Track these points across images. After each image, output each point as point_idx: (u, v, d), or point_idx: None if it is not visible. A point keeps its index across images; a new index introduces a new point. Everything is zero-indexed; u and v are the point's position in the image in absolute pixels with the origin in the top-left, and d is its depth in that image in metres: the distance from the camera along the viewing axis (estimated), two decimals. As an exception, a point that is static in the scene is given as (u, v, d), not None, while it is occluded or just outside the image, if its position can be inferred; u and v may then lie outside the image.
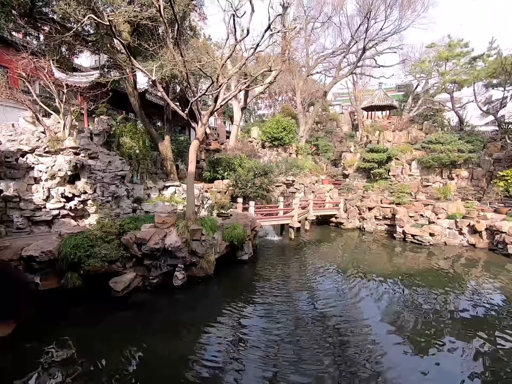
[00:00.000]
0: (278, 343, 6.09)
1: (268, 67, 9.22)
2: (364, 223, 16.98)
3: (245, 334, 6.49)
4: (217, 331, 6.59)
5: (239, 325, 6.88)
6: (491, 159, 19.56)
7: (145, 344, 6.01)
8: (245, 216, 11.59)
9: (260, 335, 6.40)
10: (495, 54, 22.89)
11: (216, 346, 6.07)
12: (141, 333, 6.47)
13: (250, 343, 6.13)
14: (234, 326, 6.84)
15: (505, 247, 12.56)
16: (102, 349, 5.88)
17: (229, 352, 5.83)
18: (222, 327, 6.73)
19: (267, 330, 6.59)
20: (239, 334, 6.51)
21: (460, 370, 5.56)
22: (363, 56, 23.86)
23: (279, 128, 22.65)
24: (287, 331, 6.56)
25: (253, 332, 6.54)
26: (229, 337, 6.36)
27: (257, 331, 6.56)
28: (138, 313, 7.31)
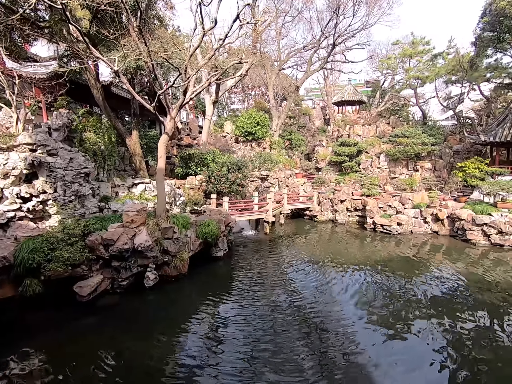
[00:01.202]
0: (257, 337, 6.08)
1: (238, 60, 9.02)
2: (336, 215, 17.45)
3: (222, 331, 6.41)
4: (193, 329, 6.46)
5: (215, 322, 6.78)
6: (451, 151, 20.86)
7: (117, 348, 5.74)
8: (219, 212, 11.41)
9: (237, 330, 6.36)
10: (453, 52, 24.27)
11: (192, 344, 5.95)
12: (112, 337, 6.17)
13: (227, 339, 6.08)
14: (210, 323, 6.73)
15: (464, 233, 13.49)
16: (70, 357, 5.52)
17: (206, 349, 5.74)
18: (197, 326, 6.61)
19: (244, 324, 6.56)
20: (215, 331, 6.42)
21: (426, 347, 5.90)
22: (333, 51, 24.30)
23: (253, 123, 22.53)
24: (265, 323, 6.59)
25: (230, 327, 6.48)
26: (206, 334, 6.26)
27: (234, 326, 6.51)
28: (107, 317, 6.95)
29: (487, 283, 9.05)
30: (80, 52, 8.99)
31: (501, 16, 15.33)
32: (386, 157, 21.56)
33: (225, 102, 43.08)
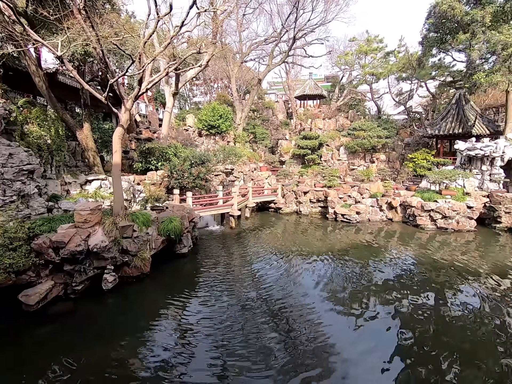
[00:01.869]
0: (225, 332, 6.02)
1: (197, 49, 8.69)
2: (300, 207, 17.93)
3: (189, 330, 6.25)
4: (157, 332, 6.19)
5: (181, 323, 6.58)
6: (403, 143, 22.44)
7: (72, 358, 5.30)
8: (182, 207, 11.07)
9: (204, 327, 6.23)
10: (403, 51, 25.93)
11: (157, 349, 5.68)
12: (66, 346, 5.70)
13: (195, 337, 5.93)
14: (176, 325, 6.51)
15: (414, 219, 14.68)
16: (21, 372, 4.98)
17: (171, 354, 5.50)
18: (162, 328, 6.35)
19: (212, 321, 6.46)
20: (181, 333, 6.22)
21: (383, 326, 6.35)
22: (294, 45, 24.59)
23: (216, 116, 22.09)
24: (233, 318, 6.55)
25: (197, 326, 6.33)
26: (171, 338, 6.03)
27: (201, 324, 6.37)
28: (61, 325, 6.41)
29: (435, 263, 9.96)
30: (16, 34, 7.99)
31: (443, 19, 16.62)
32: (346, 149, 22.54)
33: (187, 95, 41.71)
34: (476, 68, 17.48)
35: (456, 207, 13.85)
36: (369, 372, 4.99)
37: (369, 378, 4.88)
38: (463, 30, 16.02)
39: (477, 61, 16.97)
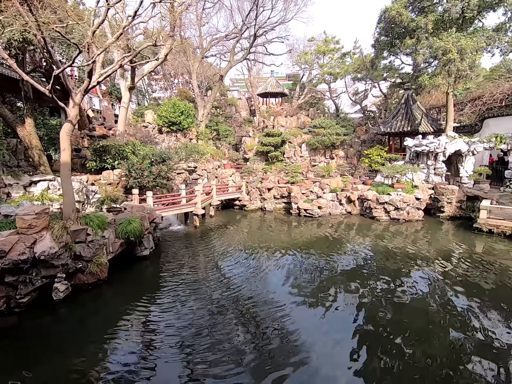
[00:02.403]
0: (192, 338, 5.75)
1: (153, 41, 8.28)
2: (265, 203, 18.13)
3: (152, 338, 5.87)
4: (118, 340, 5.81)
5: (144, 328, 6.22)
6: (359, 140, 23.74)
7: (30, 374, 4.77)
8: (142, 208, 10.55)
9: (169, 335, 5.91)
10: (358, 52, 27.37)
11: (119, 356, 5.30)
12: (22, 362, 5.11)
13: (159, 346, 5.58)
14: (139, 330, 6.14)
15: (371, 211, 15.63)
16: None
17: (136, 359, 5.21)
18: (124, 335, 5.98)
19: (178, 327, 6.16)
20: (145, 339, 5.87)
21: (345, 314, 6.66)
22: (255, 42, 24.67)
23: (176, 112, 21.39)
24: (201, 322, 6.29)
25: (162, 333, 5.98)
26: (134, 343, 5.68)
27: (166, 331, 6.04)
28: (10, 341, 5.72)
29: (390, 251, 10.71)
30: None
31: (392, 24, 17.83)
32: (307, 146, 23.26)
33: (145, 90, 39.80)
34: (421, 71, 19.06)
35: (406, 199, 15.03)
36: (336, 362, 5.19)
37: (337, 368, 5.07)
38: (409, 36, 17.32)
39: (421, 64, 18.50)
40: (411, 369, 4.93)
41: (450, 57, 14.89)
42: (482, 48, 15.47)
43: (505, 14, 15.83)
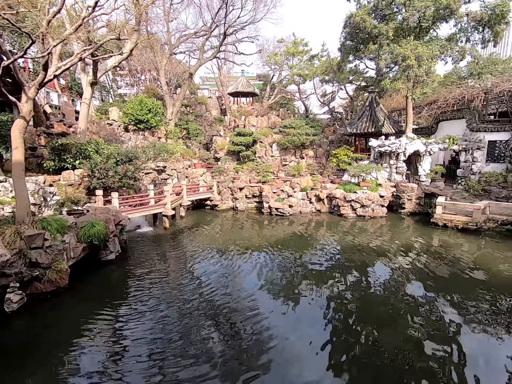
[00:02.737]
0: (163, 346, 5.50)
1: (116, 35, 7.88)
2: (236, 203, 18.09)
3: (120, 348, 5.55)
4: (81, 352, 5.41)
5: (110, 338, 5.85)
6: (328, 141, 24.51)
7: None
8: (106, 210, 10.02)
9: (138, 344, 5.61)
10: (326, 55, 28.24)
11: (82, 370, 4.97)
12: None
13: (127, 357, 5.29)
14: (104, 341, 5.73)
15: (339, 209, 16.23)
16: None
17: (101, 373, 4.91)
18: (87, 347, 5.58)
19: (148, 335, 5.87)
20: (111, 350, 5.51)
21: (316, 307, 6.86)
22: (225, 41, 24.49)
23: (144, 110, 20.60)
24: (172, 329, 6.06)
25: (130, 343, 5.69)
26: (99, 355, 5.31)
27: (135, 340, 5.73)
28: None
29: (356, 247, 11.19)
30: None
31: (357, 29, 18.60)
32: (278, 146, 23.56)
33: (110, 85, 37.83)
34: (383, 75, 20.13)
35: (371, 197, 15.80)
36: (308, 355, 5.30)
37: (308, 360, 5.18)
38: (373, 41, 18.19)
39: (384, 69, 19.54)
40: (377, 356, 5.20)
41: (409, 63, 15.88)
42: (436, 56, 16.67)
43: (456, 25, 17.22)
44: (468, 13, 16.03)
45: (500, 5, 15.04)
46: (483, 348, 5.51)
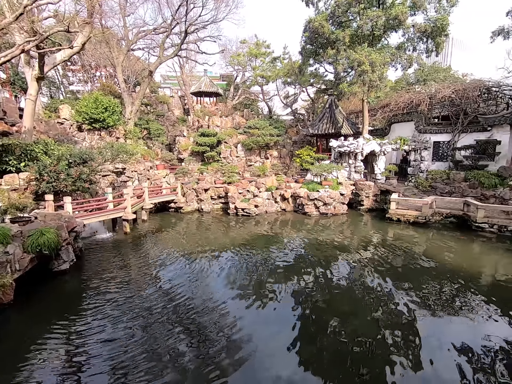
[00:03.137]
0: (127, 357, 5.19)
1: (64, 27, 7.28)
2: (202, 204, 17.77)
3: (75, 366, 5.08)
4: (28, 376, 4.88)
5: (65, 357, 5.32)
6: (291, 141, 25.12)
7: None
8: (58, 216, 9.23)
9: (98, 358, 5.22)
10: (287, 58, 28.93)
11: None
12: None
13: (85, 373, 4.88)
14: (57, 360, 5.21)
15: (303, 208, 16.71)
16: None
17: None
18: (35, 369, 5.04)
19: (109, 352, 5.40)
20: (66, 369, 5.02)
21: (284, 305, 6.96)
22: (186, 39, 23.95)
23: (99, 108, 19.35)
24: (137, 341, 5.68)
25: (88, 357, 5.25)
26: (52, 375, 4.83)
27: (93, 354, 5.31)
28: None
29: (320, 244, 11.61)
30: None
31: (316, 34, 19.33)
32: (243, 146, 23.60)
33: (60, 81, 34.92)
34: (341, 79, 21.14)
35: (333, 195, 16.51)
36: (280, 354, 5.36)
37: (278, 356, 5.24)
38: (331, 46, 19.01)
39: (341, 73, 20.53)
40: (342, 346, 5.45)
41: (364, 69, 16.88)
42: (388, 62, 17.93)
43: (404, 35, 18.69)
44: (414, 24, 17.49)
45: (441, 19, 16.63)
46: (435, 330, 6.03)
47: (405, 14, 16.50)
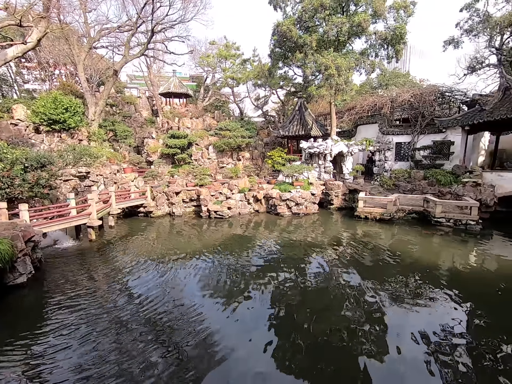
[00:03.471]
0: (96, 377, 4.82)
1: (16, 20, 6.72)
2: (173, 208, 17.32)
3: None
4: None
5: (24, 381, 4.94)
6: (263, 143, 25.34)
7: None
8: (12, 225, 8.48)
9: (63, 381, 4.79)
10: (257, 60, 29.18)
11: None
12: None
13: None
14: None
15: (275, 208, 16.90)
16: None
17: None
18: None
19: (75, 368, 5.03)
20: None
21: (260, 307, 6.96)
22: (153, 38, 23.28)
23: (59, 108, 18.16)
24: (105, 352, 5.38)
25: (52, 381, 4.81)
26: None
27: (57, 379, 4.82)
28: None
29: (293, 243, 11.80)
30: None
31: (284, 38, 19.70)
32: (214, 148, 23.38)
33: (13, 79, 32.25)
34: (310, 82, 21.75)
35: (304, 195, 16.89)
36: (254, 355, 5.33)
37: (254, 358, 5.21)
38: (299, 50, 19.48)
39: (310, 76, 21.10)
40: (316, 341, 5.56)
41: (330, 73, 17.50)
42: (353, 67, 18.74)
43: (367, 42, 19.67)
44: (376, 32, 18.47)
45: (399, 28, 17.73)
46: (401, 320, 6.37)
47: (367, 22, 17.37)
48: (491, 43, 21.20)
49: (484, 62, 23.13)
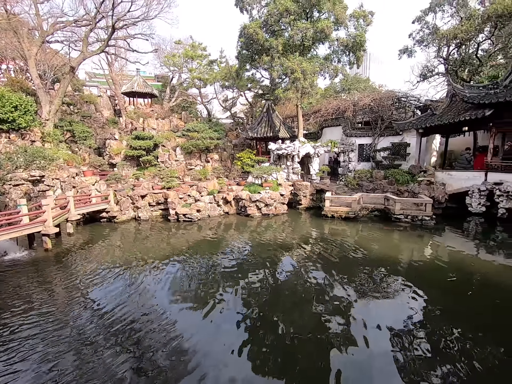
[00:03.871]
0: None
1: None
2: (139, 212, 16.60)
3: None
4: None
5: None
6: (232, 144, 25.28)
7: None
8: (-49, 236, 7.56)
9: None
10: (224, 62, 29.09)
11: None
12: None
13: None
14: None
15: (245, 210, 16.92)
16: None
17: None
18: None
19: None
20: None
21: (234, 308, 6.88)
22: (114, 35, 22.23)
23: (7, 107, 16.61)
24: (68, 375, 4.91)
25: None
26: None
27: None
28: None
29: (263, 244, 11.86)
30: None
31: (251, 40, 19.87)
32: (182, 150, 22.86)
33: (-49, 73, 28.84)
34: (277, 85, 22.16)
35: (273, 196, 17.10)
36: (227, 359, 5.23)
37: (227, 365, 5.12)
38: (266, 53, 19.75)
39: (277, 79, 21.52)
40: (288, 340, 5.62)
41: (296, 76, 17.96)
42: (317, 71, 19.43)
43: (330, 48, 20.52)
44: (338, 38, 19.33)
45: (359, 35, 18.72)
46: (368, 313, 6.67)
47: (330, 28, 18.11)
48: (439, 53, 23.23)
49: (434, 70, 25.25)
